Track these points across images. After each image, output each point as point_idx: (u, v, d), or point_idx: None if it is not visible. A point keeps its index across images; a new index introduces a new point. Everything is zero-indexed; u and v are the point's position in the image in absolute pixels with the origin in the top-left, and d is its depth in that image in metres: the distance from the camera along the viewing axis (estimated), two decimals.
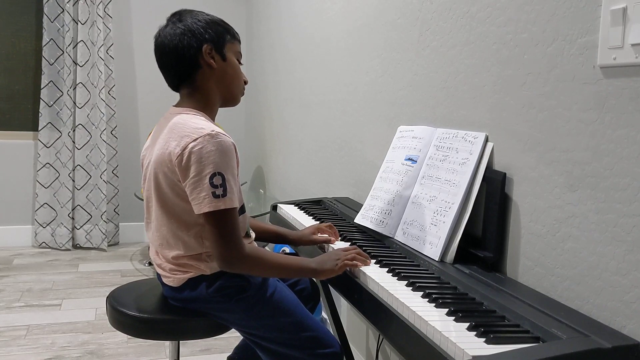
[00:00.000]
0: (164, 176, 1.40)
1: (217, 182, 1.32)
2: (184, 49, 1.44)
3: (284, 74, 3.34)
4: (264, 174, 3.89)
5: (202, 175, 1.32)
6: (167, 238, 1.44)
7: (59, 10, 3.82)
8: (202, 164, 1.32)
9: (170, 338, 1.56)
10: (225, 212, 1.34)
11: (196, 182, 1.33)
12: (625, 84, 1.04)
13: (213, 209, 1.32)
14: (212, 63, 1.45)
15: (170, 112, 1.48)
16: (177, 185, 1.38)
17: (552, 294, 1.20)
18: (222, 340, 2.56)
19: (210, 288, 1.43)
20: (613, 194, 1.06)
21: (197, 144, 1.33)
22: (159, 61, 1.49)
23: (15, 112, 4.00)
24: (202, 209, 1.33)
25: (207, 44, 1.45)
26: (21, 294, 3.09)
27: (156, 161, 1.41)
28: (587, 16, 1.12)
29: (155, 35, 1.49)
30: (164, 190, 1.41)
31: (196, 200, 1.34)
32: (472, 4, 1.49)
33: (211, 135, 1.33)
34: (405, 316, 1.09)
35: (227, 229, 1.34)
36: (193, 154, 1.33)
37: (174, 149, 1.36)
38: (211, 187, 1.32)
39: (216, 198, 1.32)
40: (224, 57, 1.48)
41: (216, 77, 1.47)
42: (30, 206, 4.02)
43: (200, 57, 1.44)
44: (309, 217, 1.89)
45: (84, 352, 2.43)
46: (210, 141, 1.33)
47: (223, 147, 1.34)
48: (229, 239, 1.34)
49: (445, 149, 1.51)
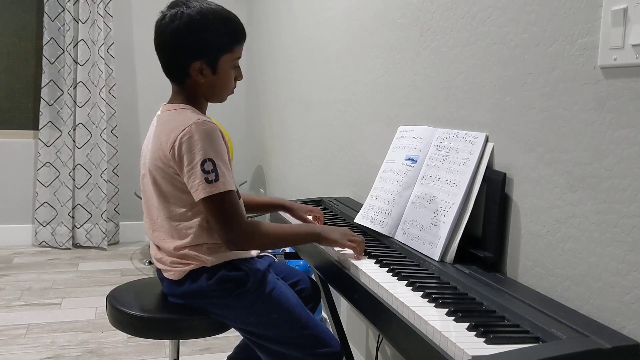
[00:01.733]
0: (161, 171, 1.42)
1: (209, 168, 1.35)
2: (175, 57, 1.43)
3: (284, 73, 3.34)
4: (264, 174, 3.89)
5: (194, 163, 1.35)
6: (170, 231, 1.46)
7: (60, 9, 3.82)
8: (192, 152, 1.35)
9: (170, 337, 1.56)
10: (222, 196, 1.36)
11: (190, 171, 1.36)
12: (625, 85, 1.04)
13: (208, 194, 1.35)
14: (200, 78, 1.44)
15: (162, 111, 1.50)
16: (174, 178, 1.41)
17: (552, 294, 1.20)
18: (222, 339, 2.56)
19: (211, 280, 1.43)
20: (613, 195, 1.06)
21: (185, 133, 1.36)
22: (155, 47, 1.47)
23: (16, 111, 4.00)
24: (199, 195, 1.36)
25: (198, 60, 1.41)
26: (21, 292, 3.09)
27: (152, 158, 1.44)
28: (587, 17, 1.12)
29: (159, 18, 1.44)
30: (161, 184, 1.43)
31: (193, 188, 1.37)
32: (473, 4, 1.49)
33: (197, 123, 1.36)
34: (405, 316, 1.09)
35: (227, 212, 1.37)
36: (183, 143, 1.36)
37: (166, 143, 1.39)
38: (203, 174, 1.35)
39: (209, 183, 1.35)
40: (215, 71, 1.45)
41: (204, 87, 1.47)
42: (31, 205, 4.02)
43: (190, 70, 1.43)
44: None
45: (83, 351, 2.43)
46: (197, 129, 1.36)
47: (209, 133, 1.37)
48: (230, 220, 1.37)
49: (445, 149, 1.51)
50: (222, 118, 4.16)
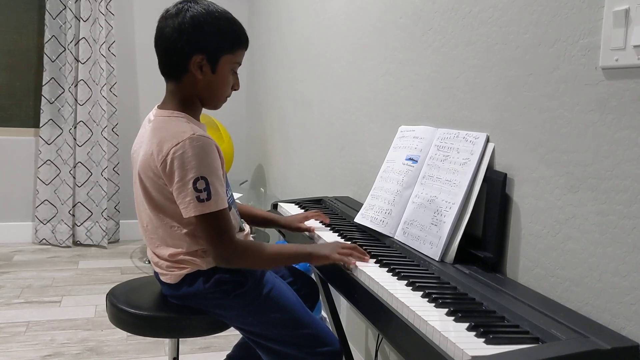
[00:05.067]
0: (151, 181, 1.40)
1: (201, 187, 1.32)
2: (176, 49, 1.40)
3: (285, 72, 3.34)
4: (264, 173, 3.89)
5: (186, 180, 1.32)
6: (164, 238, 1.45)
7: (61, 7, 3.82)
8: (185, 169, 1.32)
9: (170, 335, 1.56)
10: (213, 215, 1.34)
11: (180, 187, 1.33)
12: (627, 86, 1.04)
13: (199, 213, 1.33)
14: (198, 74, 1.41)
15: (154, 114, 1.46)
16: (164, 188, 1.38)
17: (551, 295, 1.20)
18: (221, 338, 2.56)
19: (208, 283, 1.43)
20: (614, 196, 1.06)
21: (179, 148, 1.32)
22: (154, 44, 1.45)
23: (17, 109, 4.00)
24: (189, 213, 1.34)
25: (200, 54, 1.39)
26: (21, 290, 3.09)
27: (142, 166, 1.41)
28: (589, 17, 1.12)
29: (161, 15, 1.43)
30: (152, 193, 1.41)
31: (183, 205, 1.35)
32: (475, 4, 1.49)
33: (191, 138, 1.33)
34: (404, 316, 1.09)
35: (218, 230, 1.36)
36: (175, 159, 1.32)
37: (157, 155, 1.35)
38: (195, 192, 1.32)
39: (201, 202, 1.33)
40: (214, 69, 1.43)
41: (201, 85, 1.44)
42: (31, 203, 4.02)
43: (190, 64, 1.40)
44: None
45: (83, 349, 2.43)
46: (191, 145, 1.32)
47: (204, 149, 1.34)
48: (221, 239, 1.36)
49: (446, 149, 1.51)
50: (223, 117, 4.16)
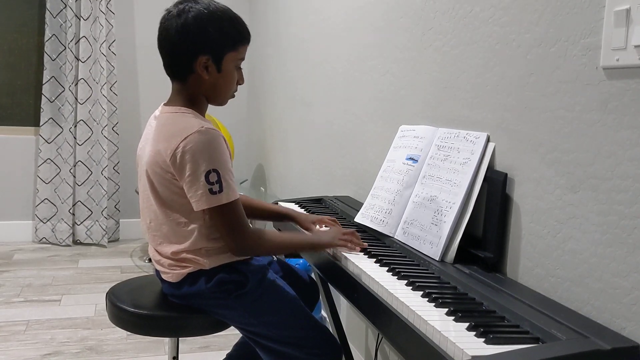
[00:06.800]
0: (159, 177, 1.40)
1: (213, 179, 1.34)
2: (181, 51, 1.41)
3: (285, 72, 3.33)
4: (264, 172, 3.89)
5: (198, 173, 1.33)
6: (168, 236, 1.45)
7: (62, 6, 3.82)
8: (196, 162, 1.33)
9: (170, 335, 1.56)
10: (226, 207, 1.36)
11: (192, 181, 1.34)
12: (628, 86, 1.04)
13: (212, 205, 1.35)
14: (204, 74, 1.42)
15: (161, 112, 1.47)
16: (172, 183, 1.39)
17: (552, 295, 1.20)
18: (221, 337, 2.56)
19: (210, 283, 1.43)
20: (614, 196, 1.06)
21: (189, 142, 1.33)
22: (158, 46, 1.45)
23: (17, 108, 4.00)
24: (201, 205, 1.35)
25: (205, 55, 1.40)
26: (21, 289, 3.09)
27: (149, 162, 1.42)
28: (590, 17, 1.12)
29: (163, 16, 1.43)
30: (160, 189, 1.42)
31: (194, 198, 1.35)
32: (476, 4, 1.49)
33: (200, 132, 1.34)
34: (404, 315, 1.09)
35: (232, 221, 1.38)
36: (186, 152, 1.33)
37: (165, 150, 1.36)
38: (207, 184, 1.34)
39: (213, 194, 1.34)
40: (220, 69, 1.43)
41: (208, 84, 1.44)
42: (31, 201, 4.02)
43: (195, 64, 1.41)
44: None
45: (83, 348, 2.43)
46: (201, 138, 1.34)
47: (214, 142, 1.35)
48: (235, 229, 1.38)
49: (446, 148, 1.51)
50: (223, 116, 4.16)
